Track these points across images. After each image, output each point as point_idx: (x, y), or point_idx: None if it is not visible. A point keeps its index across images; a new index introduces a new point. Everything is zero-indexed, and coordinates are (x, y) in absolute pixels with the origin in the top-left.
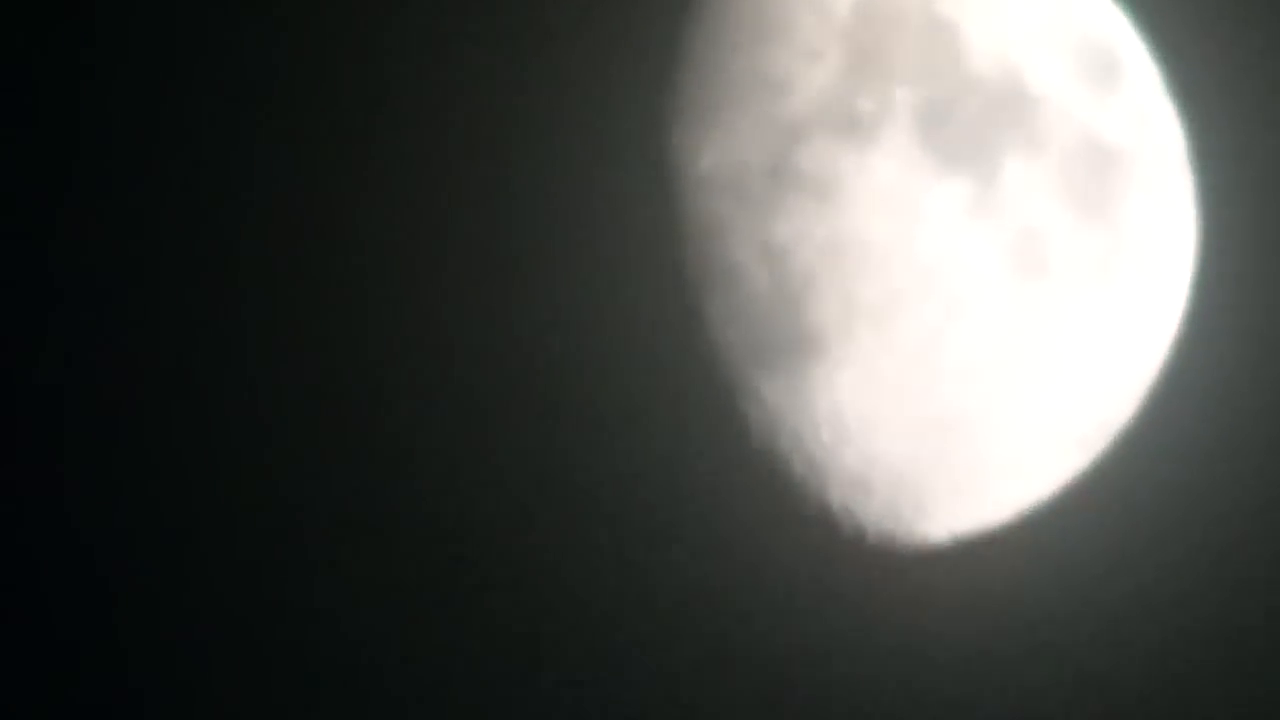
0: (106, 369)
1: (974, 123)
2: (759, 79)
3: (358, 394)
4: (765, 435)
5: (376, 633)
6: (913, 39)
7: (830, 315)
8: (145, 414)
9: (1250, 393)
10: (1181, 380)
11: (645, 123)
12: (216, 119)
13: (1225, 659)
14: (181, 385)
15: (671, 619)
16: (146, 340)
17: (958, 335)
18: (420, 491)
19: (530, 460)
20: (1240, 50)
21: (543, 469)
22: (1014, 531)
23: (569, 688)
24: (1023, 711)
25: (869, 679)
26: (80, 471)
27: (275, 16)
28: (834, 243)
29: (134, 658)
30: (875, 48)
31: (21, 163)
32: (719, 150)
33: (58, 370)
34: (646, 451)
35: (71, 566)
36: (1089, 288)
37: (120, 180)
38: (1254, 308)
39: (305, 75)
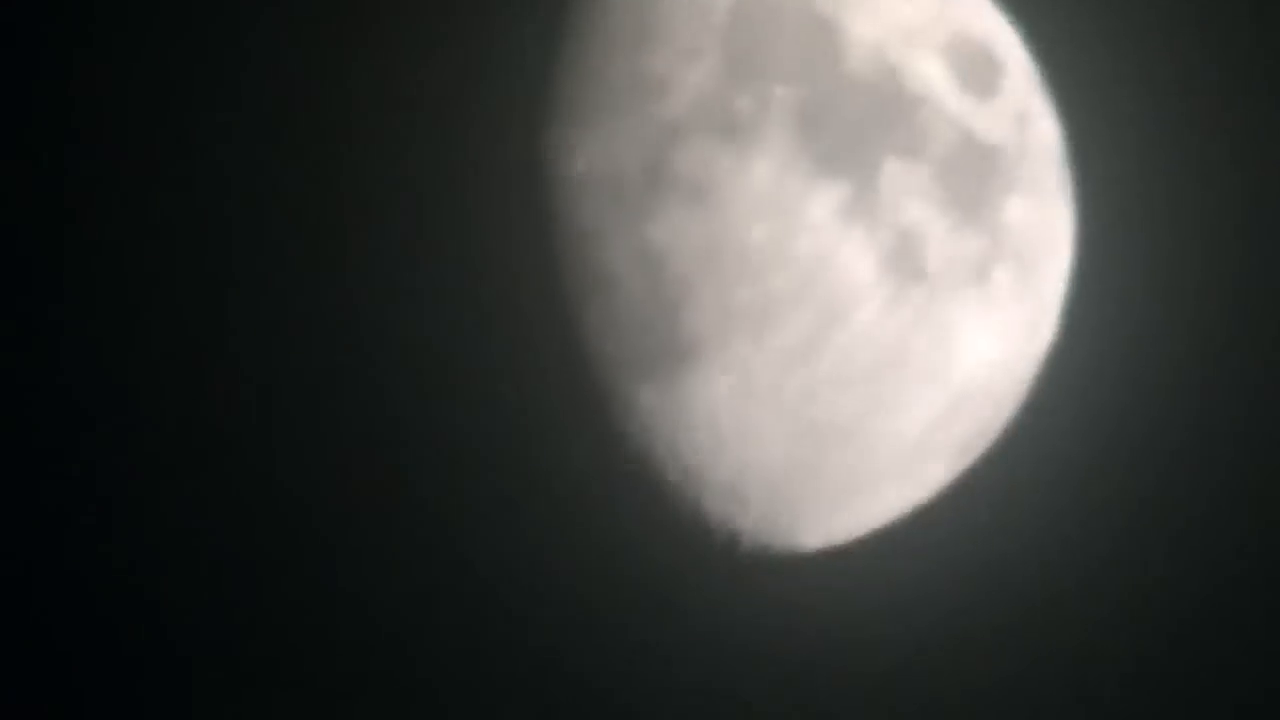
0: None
1: (852, 124)
2: (636, 80)
3: (221, 404)
4: (641, 444)
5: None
6: (791, 38)
7: (707, 322)
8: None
9: (1127, 394)
10: (1059, 383)
11: (520, 125)
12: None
13: (1097, 663)
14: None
15: (546, 627)
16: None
17: (834, 341)
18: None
19: (405, 471)
20: (1117, 48)
21: (417, 479)
22: (890, 538)
23: (436, 689)
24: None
25: (743, 686)
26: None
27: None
28: (711, 247)
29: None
30: (753, 47)
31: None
32: (595, 153)
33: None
34: (522, 460)
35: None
36: (966, 291)
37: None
38: (1131, 309)
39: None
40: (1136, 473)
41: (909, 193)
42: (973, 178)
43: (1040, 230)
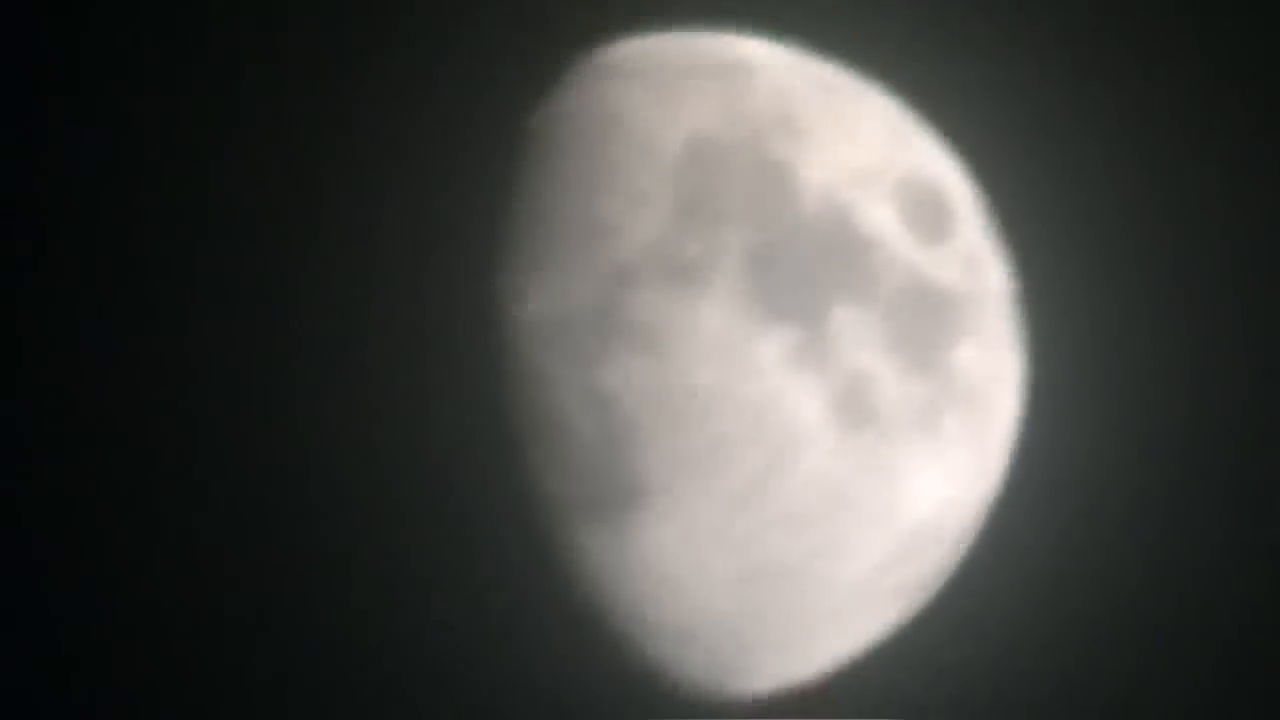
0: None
1: (803, 268)
2: (586, 224)
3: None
4: (587, 587)
5: None
6: (742, 181)
7: (655, 464)
8: None
9: (1075, 546)
10: (1005, 531)
11: (471, 266)
12: None
13: None
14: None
15: None
16: None
17: (782, 484)
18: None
19: (348, 613)
20: (1069, 194)
21: (360, 618)
22: (840, 681)
23: None
24: None
25: None
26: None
27: None
28: (660, 391)
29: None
30: (704, 190)
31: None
32: (546, 296)
33: None
34: (466, 602)
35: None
36: (914, 437)
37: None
38: (1080, 457)
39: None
40: (1088, 615)
41: (859, 337)
42: (923, 323)
43: (990, 375)
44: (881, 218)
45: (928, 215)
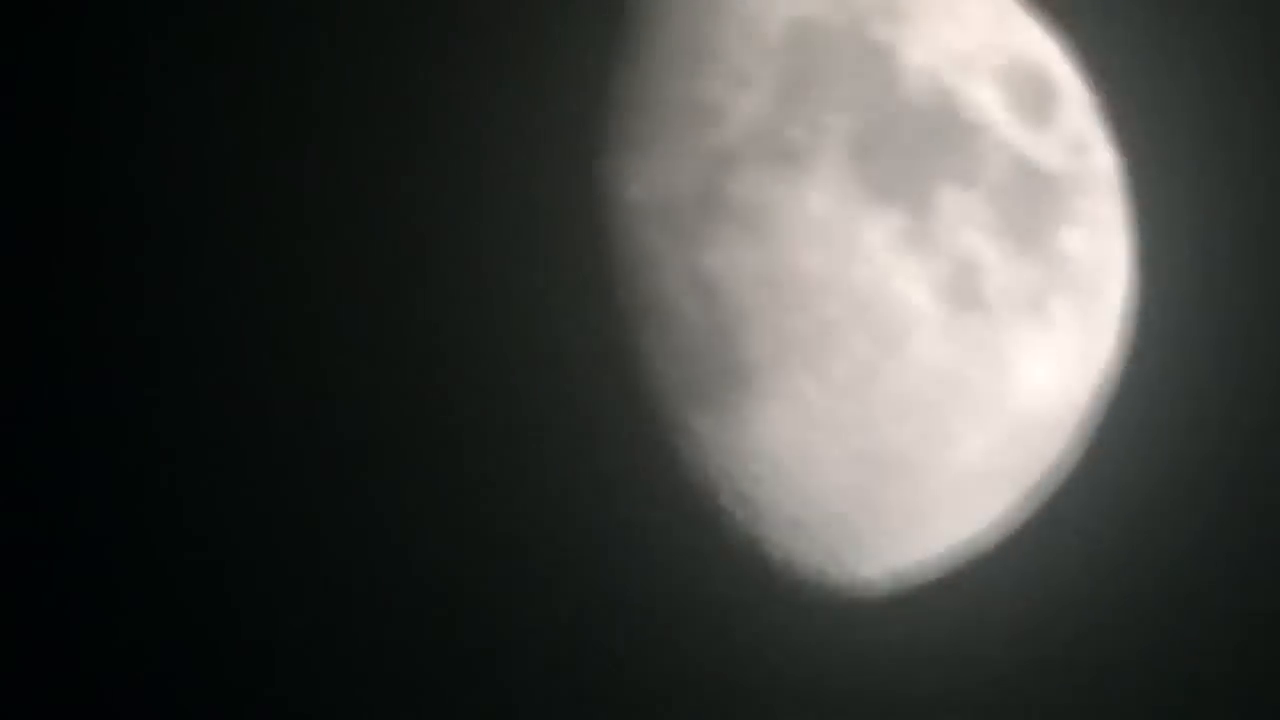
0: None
1: (907, 152)
2: (689, 107)
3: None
4: (698, 471)
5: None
6: (845, 65)
7: (763, 349)
8: None
9: (1187, 427)
10: (1118, 414)
11: (574, 151)
12: None
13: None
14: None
15: (599, 655)
16: None
17: (891, 370)
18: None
19: (463, 494)
20: (1172, 77)
21: (467, 503)
22: (952, 570)
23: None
24: None
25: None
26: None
27: None
28: (766, 275)
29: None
30: (807, 74)
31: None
32: (649, 180)
33: None
34: (579, 487)
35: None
36: (1024, 321)
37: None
38: (1191, 340)
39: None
40: (1198, 508)
41: (965, 221)
42: (1028, 207)
43: (1098, 260)
44: (986, 100)
45: (1032, 98)
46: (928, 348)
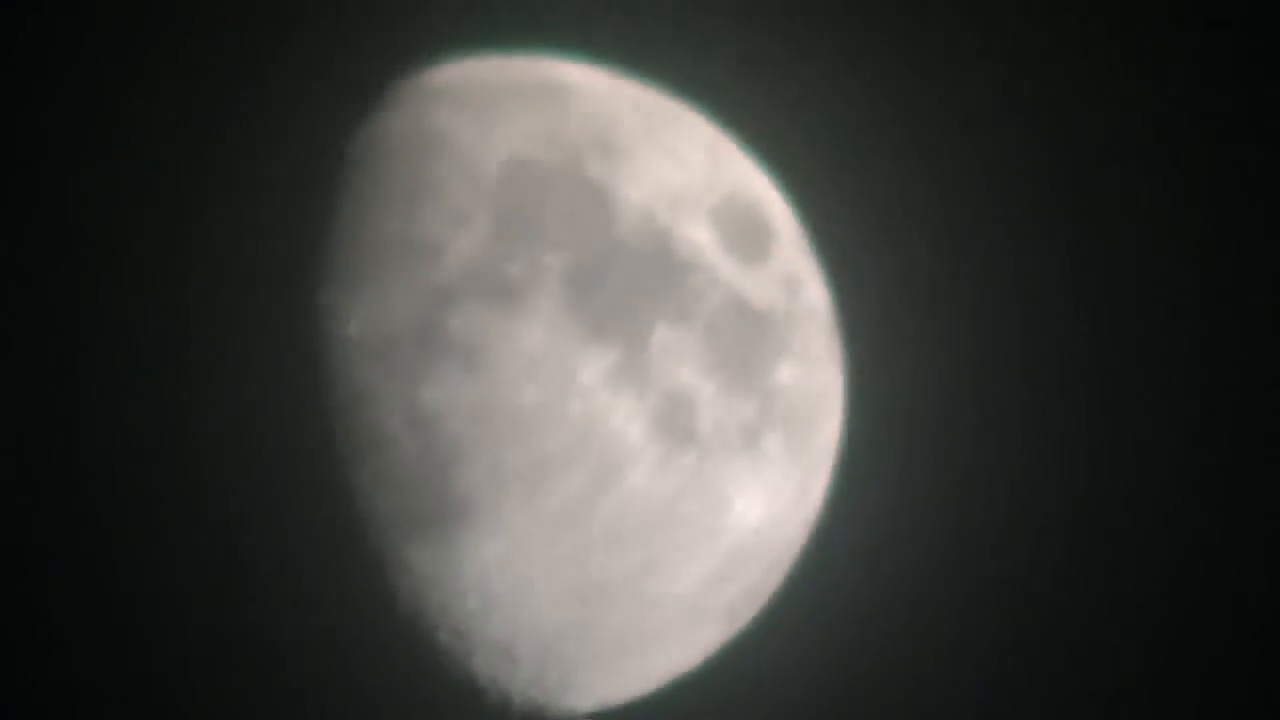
0: None
1: (623, 289)
2: (408, 244)
3: None
4: (412, 604)
5: None
6: (561, 203)
7: (479, 482)
8: None
9: (896, 561)
10: (829, 549)
11: (293, 286)
12: None
13: None
14: None
15: None
16: None
17: (606, 504)
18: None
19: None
20: (888, 211)
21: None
22: (660, 702)
23: None
24: None
25: None
26: None
27: None
28: (482, 410)
29: None
30: (524, 211)
31: None
32: (368, 315)
33: None
34: (294, 623)
35: None
36: (737, 455)
37: None
38: (901, 474)
39: None
40: (911, 632)
41: (679, 357)
42: (743, 342)
43: (811, 394)
44: (700, 239)
45: (746, 235)
46: (643, 482)
